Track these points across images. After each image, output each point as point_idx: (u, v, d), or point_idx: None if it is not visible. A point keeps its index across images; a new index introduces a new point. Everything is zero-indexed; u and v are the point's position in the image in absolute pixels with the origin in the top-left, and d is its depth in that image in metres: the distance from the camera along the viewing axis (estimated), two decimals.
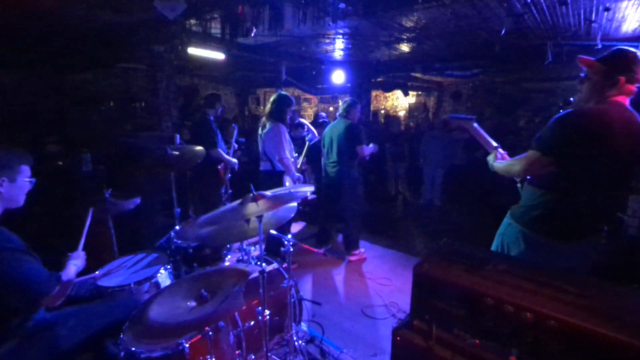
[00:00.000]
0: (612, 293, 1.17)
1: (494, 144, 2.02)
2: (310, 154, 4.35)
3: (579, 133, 1.59)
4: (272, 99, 3.32)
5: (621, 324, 1.00)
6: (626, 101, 1.61)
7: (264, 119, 3.36)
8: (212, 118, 3.77)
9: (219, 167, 3.81)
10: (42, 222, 3.13)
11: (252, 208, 1.56)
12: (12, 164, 1.43)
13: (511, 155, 1.92)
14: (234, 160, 3.85)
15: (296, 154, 3.57)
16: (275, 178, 3.29)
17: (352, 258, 3.73)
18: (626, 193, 1.68)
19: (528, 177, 1.78)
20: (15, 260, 1.30)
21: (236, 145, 4.14)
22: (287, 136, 3.27)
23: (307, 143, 3.81)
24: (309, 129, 3.95)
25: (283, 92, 3.38)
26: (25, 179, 1.47)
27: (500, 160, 1.92)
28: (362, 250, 3.83)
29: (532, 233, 1.69)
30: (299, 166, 3.59)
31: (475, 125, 2.03)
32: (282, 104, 3.24)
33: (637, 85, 1.60)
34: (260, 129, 3.36)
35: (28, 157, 1.51)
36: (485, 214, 3.53)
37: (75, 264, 1.62)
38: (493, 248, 1.87)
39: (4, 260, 1.27)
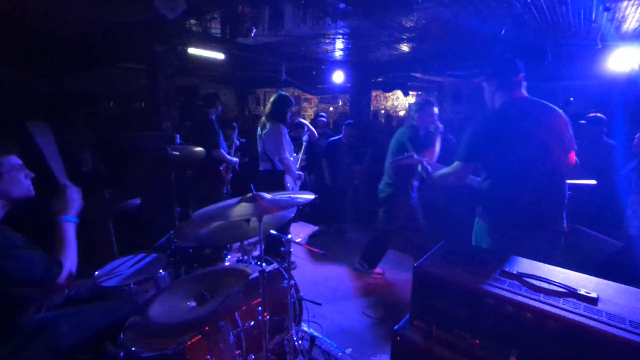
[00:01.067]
0: (611, 292, 1.17)
1: (419, 159, 2.18)
2: (329, 154, 4.43)
3: (487, 132, 1.75)
4: (272, 99, 3.30)
5: (620, 322, 1.00)
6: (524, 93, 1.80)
7: (263, 119, 3.34)
8: (213, 117, 3.74)
9: (221, 167, 3.80)
10: (40, 222, 3.12)
11: (250, 209, 1.55)
12: None
13: None
14: (235, 159, 3.84)
15: (295, 154, 3.58)
16: (275, 178, 3.27)
17: (359, 267, 3.49)
18: (562, 177, 1.78)
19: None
20: (18, 257, 1.29)
21: (237, 143, 4.13)
22: (287, 136, 3.26)
23: (304, 143, 3.84)
24: (308, 129, 3.96)
25: (283, 93, 3.37)
26: (13, 171, 1.35)
27: (433, 172, 2.07)
28: (378, 271, 3.45)
29: (492, 227, 1.80)
30: (297, 164, 3.58)
31: (416, 156, 2.20)
32: (282, 104, 3.23)
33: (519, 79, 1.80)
34: (259, 129, 3.35)
35: (10, 147, 1.38)
36: None
37: (70, 218, 1.47)
38: None
39: (6, 257, 1.27)
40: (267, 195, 1.63)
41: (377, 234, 3.41)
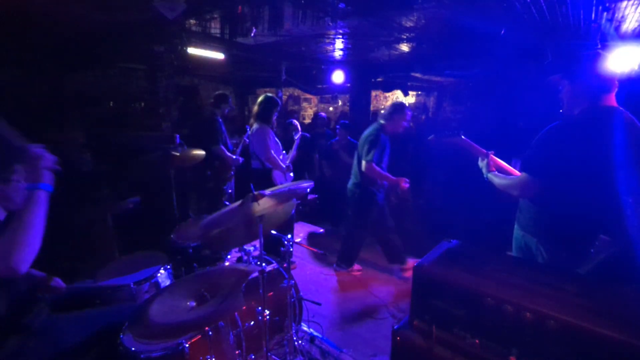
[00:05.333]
0: (611, 292, 1.17)
1: (484, 151, 1.93)
2: (330, 155, 4.58)
3: (559, 145, 1.44)
4: (259, 100, 3.47)
5: (620, 323, 1.00)
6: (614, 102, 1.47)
7: (251, 120, 3.50)
8: (219, 118, 3.84)
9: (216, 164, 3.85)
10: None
11: (254, 208, 1.57)
12: (5, 162, 1.28)
13: (508, 155, 1.91)
14: (238, 158, 3.87)
15: (285, 152, 3.69)
16: (264, 175, 3.43)
17: (337, 268, 3.51)
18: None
19: None
20: None
21: (247, 140, 4.16)
22: (272, 136, 3.40)
23: (295, 140, 3.94)
24: (298, 128, 4.10)
25: (269, 94, 3.52)
26: (21, 179, 1.34)
27: (496, 174, 1.81)
28: (357, 268, 3.56)
29: (543, 245, 1.59)
30: (288, 161, 3.69)
31: (464, 138, 1.96)
32: (268, 105, 3.38)
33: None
34: (249, 129, 3.52)
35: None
36: (485, 214, 3.53)
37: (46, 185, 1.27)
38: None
39: None
40: (267, 191, 1.64)
41: (347, 234, 3.49)
